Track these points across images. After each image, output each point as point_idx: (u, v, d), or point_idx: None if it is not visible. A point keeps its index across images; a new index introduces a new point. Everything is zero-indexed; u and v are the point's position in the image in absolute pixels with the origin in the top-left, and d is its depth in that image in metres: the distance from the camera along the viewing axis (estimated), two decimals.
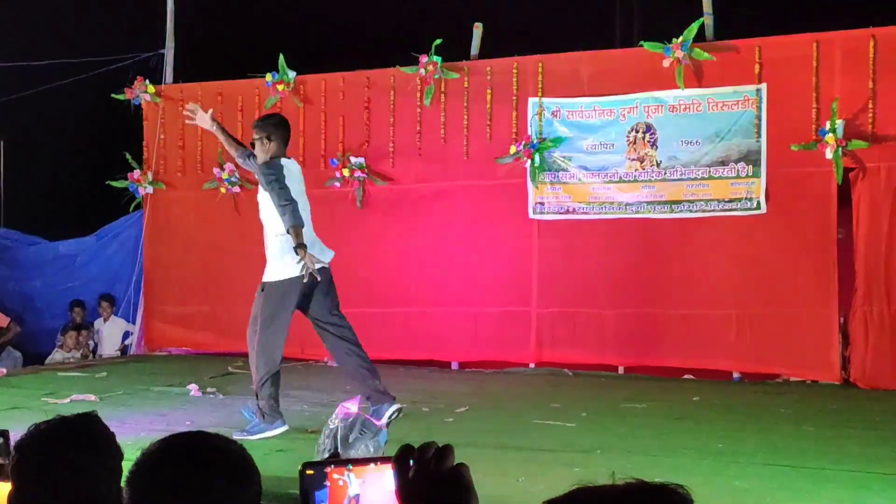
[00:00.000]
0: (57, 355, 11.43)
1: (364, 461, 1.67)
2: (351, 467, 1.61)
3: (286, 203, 6.55)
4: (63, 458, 2.45)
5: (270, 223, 6.75)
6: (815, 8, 10.52)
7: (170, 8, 11.72)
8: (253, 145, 6.84)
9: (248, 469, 1.83)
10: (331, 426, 5.35)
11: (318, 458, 5.26)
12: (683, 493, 1.37)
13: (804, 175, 9.14)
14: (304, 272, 6.52)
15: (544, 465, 5.75)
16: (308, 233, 6.71)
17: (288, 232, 6.57)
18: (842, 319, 9.15)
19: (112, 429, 2.68)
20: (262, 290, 6.80)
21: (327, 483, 1.60)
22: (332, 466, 1.60)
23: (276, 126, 6.86)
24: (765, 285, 9.31)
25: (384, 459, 1.58)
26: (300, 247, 6.50)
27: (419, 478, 1.49)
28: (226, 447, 1.85)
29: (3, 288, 12.45)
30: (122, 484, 1.89)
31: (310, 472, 1.59)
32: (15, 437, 4.74)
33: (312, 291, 6.79)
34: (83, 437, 2.52)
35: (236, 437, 6.34)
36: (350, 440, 5.24)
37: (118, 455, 2.52)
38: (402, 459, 1.51)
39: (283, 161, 6.76)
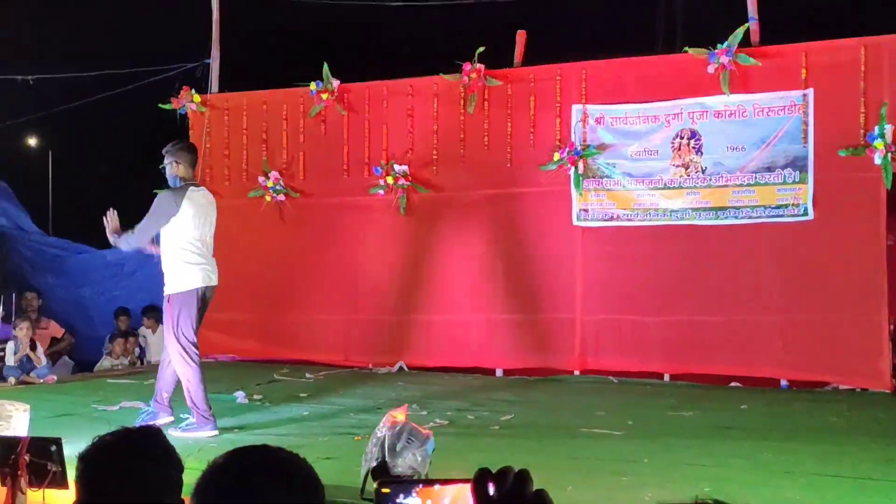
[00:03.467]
0: (105, 362, 11.57)
1: (443, 482, 1.66)
2: (421, 487, 1.61)
3: (139, 233, 7.21)
4: (127, 470, 2.49)
5: (165, 241, 7.25)
6: (862, 12, 10.43)
7: (215, 18, 11.82)
8: (163, 169, 7.35)
9: (314, 482, 1.85)
10: (378, 435, 5.36)
11: (365, 467, 5.27)
12: None
13: (852, 181, 9.04)
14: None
15: (592, 474, 5.73)
16: (206, 255, 7.28)
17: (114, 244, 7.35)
18: (891, 327, 9.05)
19: None
20: (178, 303, 7.21)
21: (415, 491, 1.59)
22: (421, 486, 1.60)
23: (184, 150, 7.36)
24: (813, 292, 9.21)
25: (464, 480, 1.59)
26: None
27: (504, 503, 1.50)
28: (292, 461, 1.87)
29: (54, 296, 12.62)
30: (188, 495, 1.91)
31: (385, 490, 1.59)
32: (67, 443, 4.82)
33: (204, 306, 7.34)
34: (147, 449, 2.56)
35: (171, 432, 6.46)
36: (397, 449, 5.24)
37: (179, 467, 2.55)
38: (481, 482, 1.52)
39: (190, 190, 7.21)
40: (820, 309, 9.17)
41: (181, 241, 7.16)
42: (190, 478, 2.42)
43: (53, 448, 4.93)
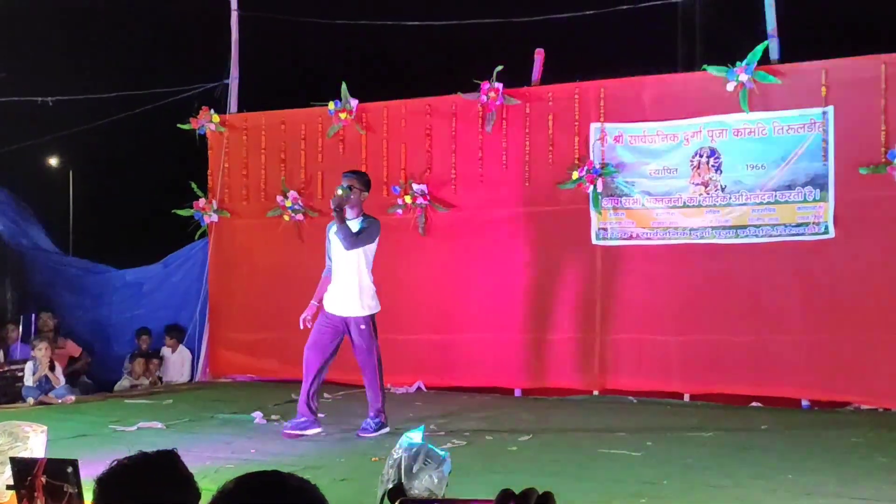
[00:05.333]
0: (125, 382, 11.58)
1: (464, 503, 1.63)
2: None
3: (360, 238, 7.91)
4: (144, 495, 2.47)
5: (359, 266, 8.00)
6: (883, 29, 10.37)
7: (234, 38, 11.88)
8: (342, 189, 7.81)
9: None
10: (394, 456, 5.32)
11: (381, 489, 5.24)
12: None
13: (874, 199, 8.96)
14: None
15: (610, 496, 5.68)
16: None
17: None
18: None
19: None
20: (372, 322, 8.13)
21: None
22: None
23: (369, 184, 8.10)
24: (834, 311, 9.13)
25: (485, 502, 1.56)
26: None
27: None
28: (302, 487, 1.85)
29: (73, 316, 12.66)
30: None
31: None
32: (84, 465, 4.81)
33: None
34: (164, 475, 2.53)
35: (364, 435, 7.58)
36: (414, 470, 5.20)
37: (196, 493, 2.53)
38: None
39: None
40: (841, 328, 9.08)
41: (369, 269, 8.01)
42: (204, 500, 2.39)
43: (70, 469, 4.91)
